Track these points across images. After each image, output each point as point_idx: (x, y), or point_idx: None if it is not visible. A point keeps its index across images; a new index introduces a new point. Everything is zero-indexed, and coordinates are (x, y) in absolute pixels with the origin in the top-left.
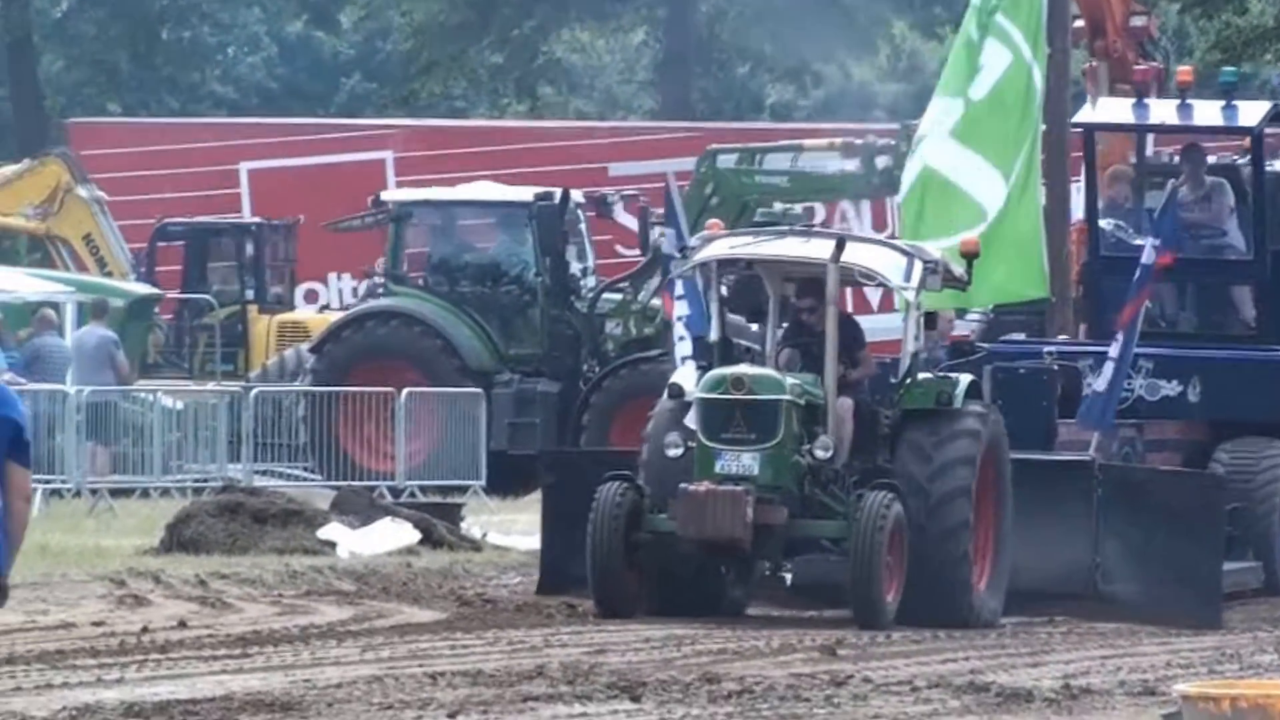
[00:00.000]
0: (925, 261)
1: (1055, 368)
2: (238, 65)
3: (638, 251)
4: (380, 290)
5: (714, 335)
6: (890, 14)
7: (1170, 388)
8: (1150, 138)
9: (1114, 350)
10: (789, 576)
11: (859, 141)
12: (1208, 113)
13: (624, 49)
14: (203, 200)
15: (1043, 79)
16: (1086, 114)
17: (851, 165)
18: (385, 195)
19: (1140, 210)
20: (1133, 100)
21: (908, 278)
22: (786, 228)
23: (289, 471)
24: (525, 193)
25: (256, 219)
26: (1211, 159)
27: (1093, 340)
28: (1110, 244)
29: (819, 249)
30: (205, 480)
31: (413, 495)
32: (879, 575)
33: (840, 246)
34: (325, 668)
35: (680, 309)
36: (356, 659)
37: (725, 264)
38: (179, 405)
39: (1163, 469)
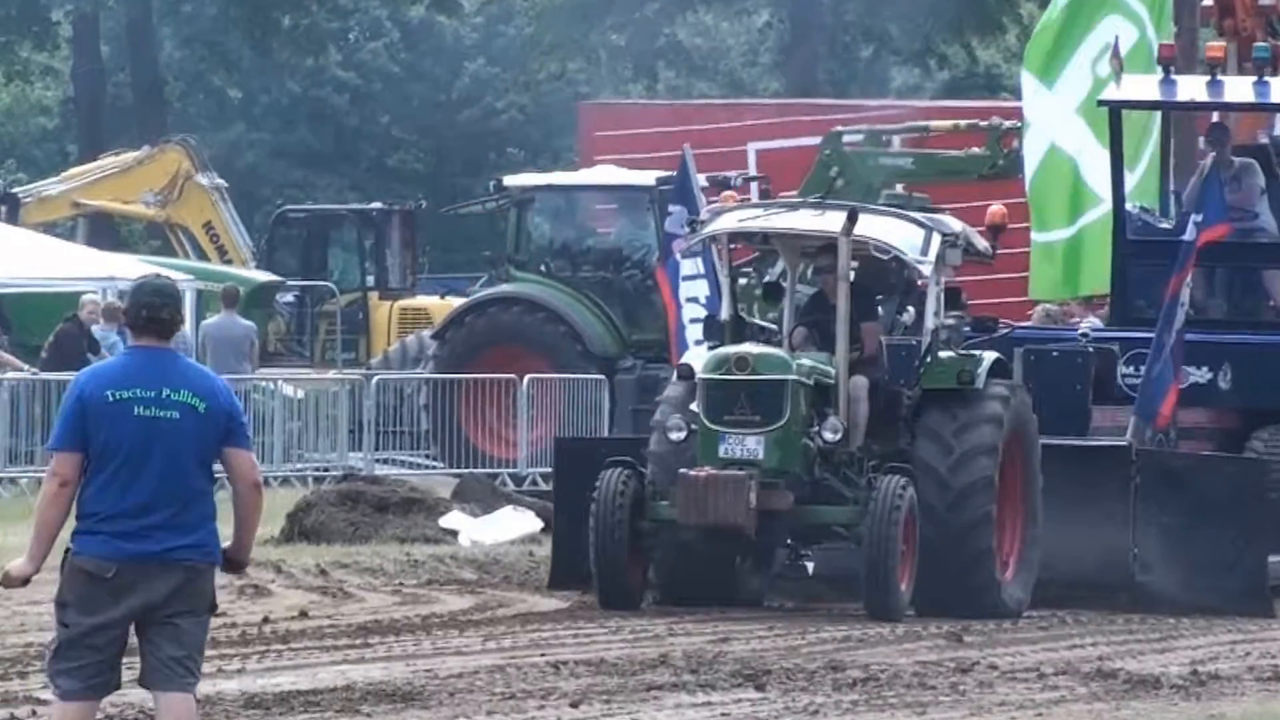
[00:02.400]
0: (944, 234)
1: (1090, 350)
2: (359, 50)
3: None
4: (502, 276)
5: (725, 313)
6: None
7: (1200, 374)
8: (1277, 117)
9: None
10: (810, 566)
11: (984, 123)
12: (1238, 89)
13: (748, 31)
14: None
15: None
16: (1112, 91)
17: (977, 147)
18: (507, 180)
19: (1167, 192)
20: (1159, 77)
21: (924, 251)
22: (800, 200)
23: (410, 459)
24: (647, 176)
25: (377, 205)
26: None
27: (1118, 325)
28: (1137, 228)
29: (831, 222)
30: (326, 469)
31: (535, 483)
32: (893, 564)
33: (852, 219)
34: (447, 657)
35: (698, 289)
36: (478, 648)
37: (738, 238)
38: (300, 393)
39: (1204, 454)
